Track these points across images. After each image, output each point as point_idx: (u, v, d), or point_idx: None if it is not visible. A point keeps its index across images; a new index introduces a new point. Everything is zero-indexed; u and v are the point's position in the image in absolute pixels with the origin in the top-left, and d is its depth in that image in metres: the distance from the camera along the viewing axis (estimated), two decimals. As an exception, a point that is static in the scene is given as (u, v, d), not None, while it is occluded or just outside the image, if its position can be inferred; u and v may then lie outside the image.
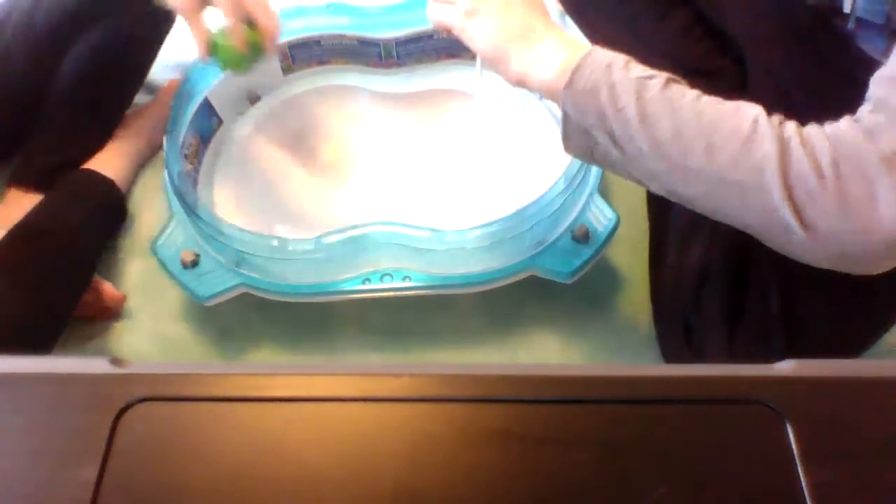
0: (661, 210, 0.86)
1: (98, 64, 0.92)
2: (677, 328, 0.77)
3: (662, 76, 0.56)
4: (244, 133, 0.95)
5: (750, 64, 0.83)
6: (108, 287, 0.87)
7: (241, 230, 0.76)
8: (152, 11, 0.77)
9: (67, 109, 0.92)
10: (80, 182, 0.91)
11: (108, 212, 0.93)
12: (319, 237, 0.76)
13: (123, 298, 0.88)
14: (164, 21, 0.93)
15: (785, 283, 0.72)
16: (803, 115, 0.77)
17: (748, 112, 0.55)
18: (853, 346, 0.73)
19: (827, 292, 0.72)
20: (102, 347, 0.85)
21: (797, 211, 0.50)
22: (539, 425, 0.38)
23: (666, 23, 0.89)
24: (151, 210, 0.95)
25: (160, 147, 0.98)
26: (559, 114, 0.58)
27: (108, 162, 0.94)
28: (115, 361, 0.42)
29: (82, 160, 0.93)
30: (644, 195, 0.91)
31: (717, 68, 0.87)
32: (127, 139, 0.97)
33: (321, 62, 0.99)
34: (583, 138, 0.58)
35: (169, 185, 0.81)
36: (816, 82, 0.79)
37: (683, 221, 0.82)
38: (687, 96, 0.55)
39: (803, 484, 0.35)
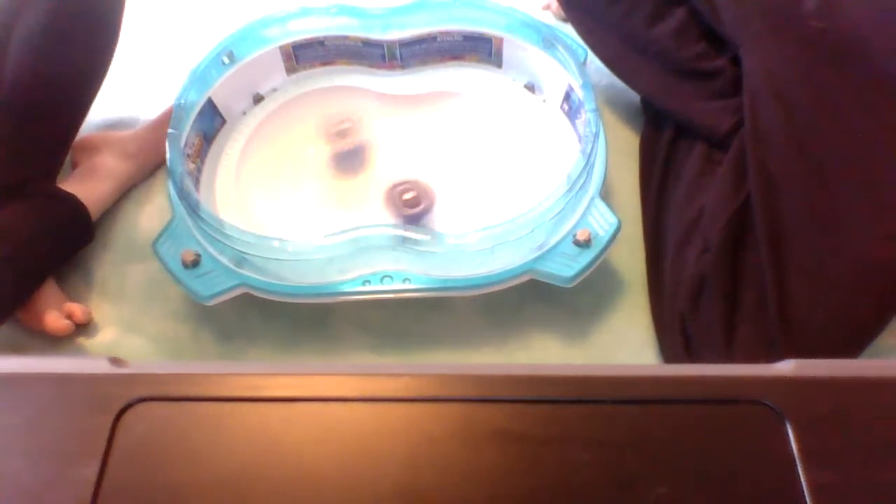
0: (657, 218, 0.86)
1: (43, 45, 0.82)
2: (676, 336, 0.77)
3: None
4: (247, 133, 0.95)
5: (746, 64, 0.83)
6: (51, 318, 0.82)
7: (243, 230, 0.76)
8: None
9: (15, 109, 0.82)
10: (39, 198, 0.84)
11: (65, 231, 0.87)
12: (320, 238, 0.76)
13: (69, 328, 0.83)
14: None
15: (781, 287, 0.72)
16: (804, 115, 0.78)
17: None
18: (851, 346, 0.73)
19: (824, 294, 0.72)
20: (102, 347, 0.85)
21: None
22: (539, 425, 0.38)
23: (660, 24, 0.89)
24: (153, 209, 0.95)
25: (152, 171, 0.98)
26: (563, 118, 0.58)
27: (90, 181, 0.91)
28: (115, 361, 0.42)
29: (45, 170, 0.87)
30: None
31: (712, 69, 0.87)
32: (118, 160, 0.94)
33: (325, 63, 0.99)
34: None
35: (171, 185, 0.81)
36: (818, 81, 0.79)
37: (678, 229, 0.82)
38: None
39: (803, 484, 0.35)
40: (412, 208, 0.88)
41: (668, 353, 0.78)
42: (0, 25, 0.82)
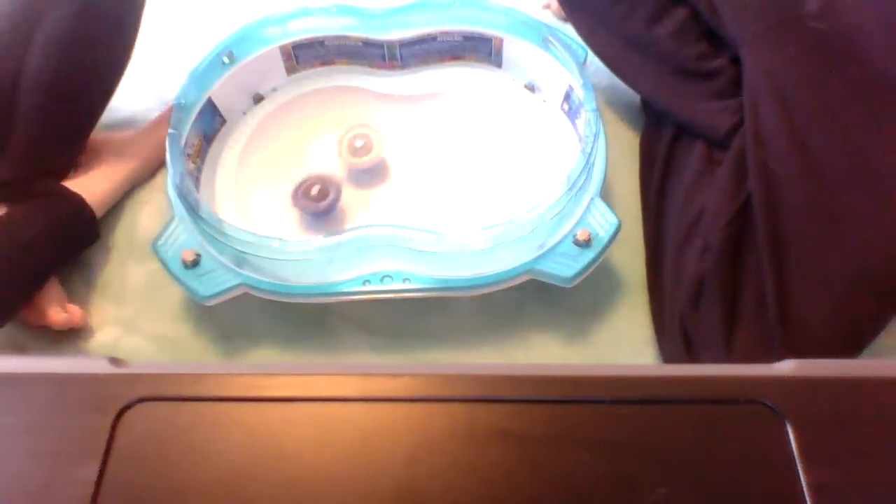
0: (657, 218, 0.86)
1: (68, 44, 0.83)
2: (676, 336, 0.77)
3: None
4: (247, 133, 0.95)
5: (746, 64, 0.83)
6: (53, 312, 0.82)
7: (243, 230, 0.76)
8: None
9: (36, 107, 0.83)
10: (46, 197, 0.85)
11: (70, 231, 0.87)
12: (320, 238, 0.76)
13: (69, 322, 0.83)
14: None
15: (781, 286, 0.72)
16: (804, 115, 0.78)
17: None
18: (851, 346, 0.73)
19: (824, 293, 0.72)
20: (102, 347, 0.85)
21: None
22: (539, 425, 0.38)
23: (661, 24, 0.89)
24: (153, 209, 0.95)
25: (152, 172, 0.98)
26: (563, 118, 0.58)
27: (91, 181, 0.90)
28: (115, 361, 0.42)
29: (57, 169, 0.88)
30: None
31: (712, 69, 0.87)
32: (119, 161, 0.94)
33: (324, 63, 0.99)
34: None
35: (171, 185, 0.81)
36: (818, 82, 0.79)
37: (678, 229, 0.82)
38: None
39: (803, 484, 0.35)
40: (318, 202, 0.88)
41: (668, 353, 0.78)
42: (22, 26, 0.83)
